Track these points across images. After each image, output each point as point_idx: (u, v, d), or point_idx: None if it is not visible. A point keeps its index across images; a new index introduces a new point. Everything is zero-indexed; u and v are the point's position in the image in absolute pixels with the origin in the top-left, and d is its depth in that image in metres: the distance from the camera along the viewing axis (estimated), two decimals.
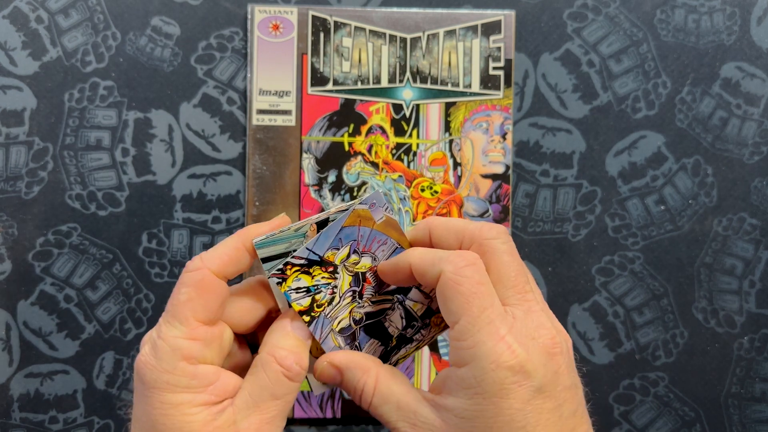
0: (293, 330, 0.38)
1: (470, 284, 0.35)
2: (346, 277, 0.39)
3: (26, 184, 0.56)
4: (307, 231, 0.38)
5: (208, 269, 0.36)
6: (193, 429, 0.35)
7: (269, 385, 0.36)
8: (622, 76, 0.58)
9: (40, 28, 0.56)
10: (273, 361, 0.36)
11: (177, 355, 0.35)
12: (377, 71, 0.57)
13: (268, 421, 0.36)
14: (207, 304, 0.36)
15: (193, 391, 0.35)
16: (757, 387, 0.58)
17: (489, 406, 0.33)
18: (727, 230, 0.58)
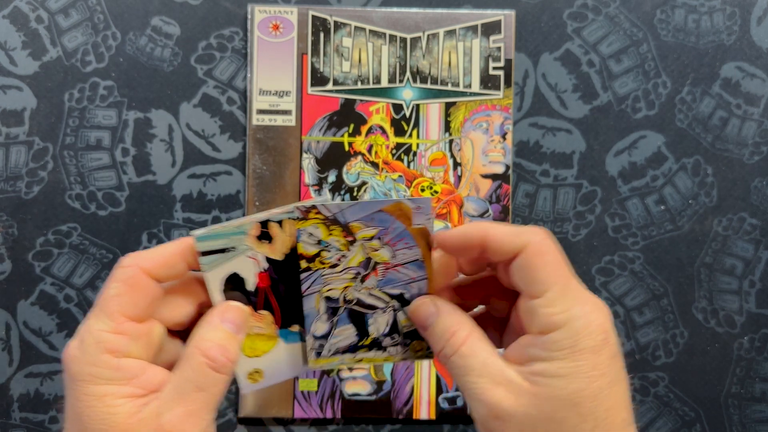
0: (221, 323, 0.38)
1: (556, 254, 0.37)
2: (358, 256, 0.40)
3: (26, 183, 0.56)
4: (248, 229, 0.39)
5: (139, 267, 0.37)
6: (116, 421, 0.35)
7: (193, 377, 0.36)
8: (622, 76, 0.58)
9: (40, 28, 0.56)
10: (197, 352, 0.37)
11: (101, 347, 0.36)
12: (377, 71, 0.57)
13: (192, 413, 0.36)
14: (135, 301, 0.37)
15: (117, 383, 0.36)
16: (757, 387, 0.58)
17: (585, 362, 0.35)
18: (727, 230, 0.58)
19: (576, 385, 0.35)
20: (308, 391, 0.56)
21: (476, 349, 0.38)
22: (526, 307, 0.37)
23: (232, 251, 0.39)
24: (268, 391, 0.56)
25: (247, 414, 0.56)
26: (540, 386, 0.36)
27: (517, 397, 0.36)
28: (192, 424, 0.36)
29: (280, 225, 0.39)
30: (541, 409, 0.35)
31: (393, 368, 0.56)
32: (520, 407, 0.36)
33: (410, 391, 0.56)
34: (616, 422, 0.36)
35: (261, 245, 0.39)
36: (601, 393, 0.36)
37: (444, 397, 0.57)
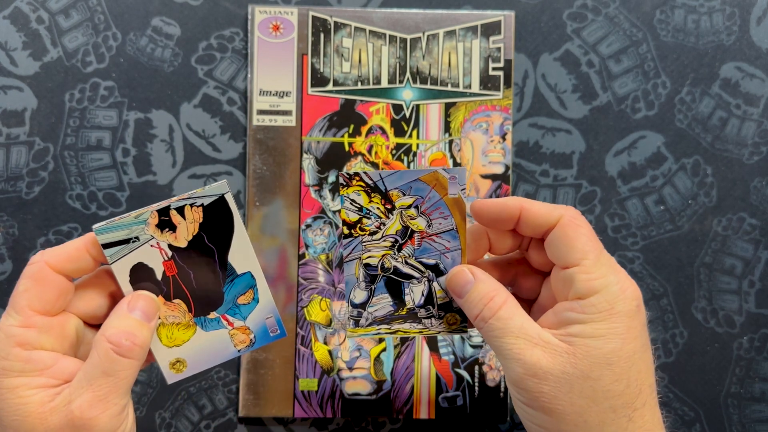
0: (129, 312, 0.39)
1: (590, 228, 0.40)
2: (396, 224, 0.41)
3: (27, 184, 0.56)
4: (147, 218, 0.39)
5: (45, 263, 0.38)
6: (29, 410, 0.37)
7: (99, 363, 0.37)
8: (621, 76, 0.58)
9: (40, 29, 0.57)
10: (103, 339, 0.38)
11: (11, 341, 0.37)
12: (377, 72, 0.57)
13: (101, 398, 0.37)
14: (42, 295, 0.38)
15: (28, 375, 0.37)
16: (756, 387, 0.58)
17: (621, 324, 0.38)
18: (727, 230, 0.58)
19: (612, 346, 0.37)
20: (308, 390, 0.56)
21: (514, 312, 0.39)
22: (561, 277, 0.40)
23: (136, 241, 0.39)
24: (268, 390, 0.56)
25: (247, 414, 0.56)
26: (577, 346, 0.38)
27: (553, 356, 0.38)
28: (101, 409, 0.37)
29: (182, 212, 0.40)
30: (577, 367, 0.37)
31: (393, 368, 0.56)
32: (557, 365, 0.37)
33: (410, 390, 0.56)
34: (645, 386, 0.39)
35: (163, 234, 0.40)
36: (635, 355, 0.38)
37: (444, 396, 0.57)
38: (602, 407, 0.37)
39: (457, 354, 0.57)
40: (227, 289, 0.42)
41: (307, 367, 0.56)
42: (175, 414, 0.57)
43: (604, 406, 0.37)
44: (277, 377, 0.56)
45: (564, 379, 0.37)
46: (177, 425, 0.57)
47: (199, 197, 0.39)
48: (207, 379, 0.57)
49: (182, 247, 0.40)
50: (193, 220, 0.40)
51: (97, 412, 0.37)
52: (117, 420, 0.38)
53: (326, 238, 0.56)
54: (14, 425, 0.37)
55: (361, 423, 0.57)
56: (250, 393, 0.56)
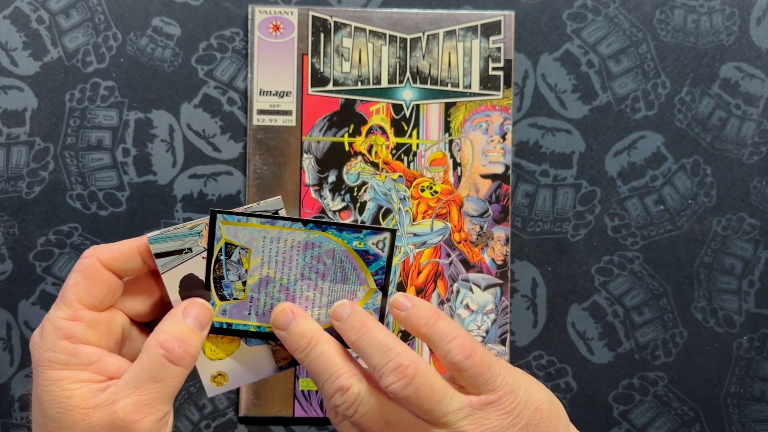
0: (183, 318, 0.39)
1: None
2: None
3: (27, 184, 0.56)
4: (201, 230, 0.39)
5: (96, 258, 0.38)
6: (72, 404, 0.36)
7: (149, 367, 0.37)
8: (621, 76, 0.58)
9: (41, 29, 0.57)
10: (155, 343, 0.38)
11: (59, 334, 0.37)
12: (377, 71, 0.57)
13: (146, 403, 0.37)
14: (92, 290, 0.38)
15: (73, 368, 0.37)
16: (756, 386, 0.58)
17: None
18: (727, 230, 0.58)
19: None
20: (309, 390, 0.56)
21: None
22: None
23: (188, 252, 0.39)
24: (268, 390, 0.56)
25: (247, 414, 0.56)
26: None
27: None
28: (145, 414, 0.37)
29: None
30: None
31: None
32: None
33: None
34: None
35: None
36: None
37: None
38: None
39: None
40: None
41: None
42: (176, 414, 0.57)
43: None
44: (277, 377, 0.56)
45: None
46: (177, 425, 0.57)
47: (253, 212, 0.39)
48: None
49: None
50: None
51: (141, 416, 0.37)
52: (158, 426, 0.38)
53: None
54: (56, 417, 0.36)
55: None
56: (250, 393, 0.56)
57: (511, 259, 0.57)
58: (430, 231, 0.57)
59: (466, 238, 0.57)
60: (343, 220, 0.56)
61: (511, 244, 0.57)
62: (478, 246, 0.57)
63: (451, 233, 0.57)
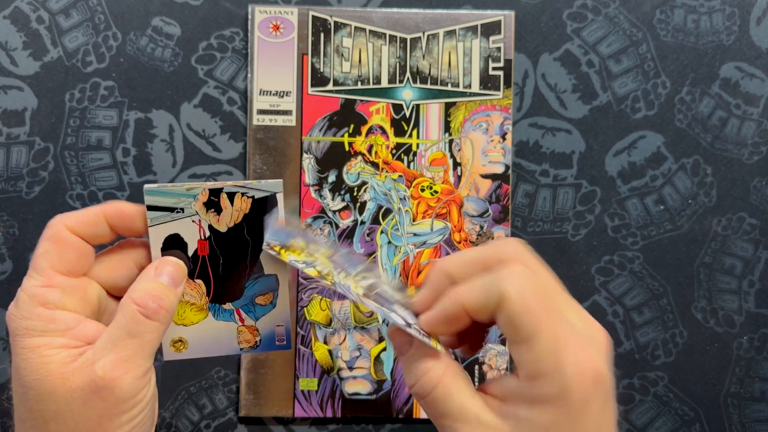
0: (157, 276, 0.39)
1: (536, 301, 0.34)
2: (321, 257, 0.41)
3: (27, 184, 0.56)
4: (198, 194, 0.40)
5: (63, 224, 0.38)
6: (50, 369, 0.36)
7: (125, 324, 0.37)
8: (621, 76, 0.58)
9: (40, 29, 0.57)
10: (129, 300, 0.38)
11: (34, 301, 0.37)
12: (377, 71, 0.57)
13: (125, 359, 0.37)
14: (63, 256, 0.38)
15: (51, 334, 0.37)
16: (756, 386, 0.58)
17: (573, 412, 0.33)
18: (727, 230, 0.58)
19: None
20: (308, 390, 0.56)
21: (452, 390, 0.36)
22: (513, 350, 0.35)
23: (180, 212, 0.40)
24: (268, 390, 0.56)
25: (247, 413, 0.56)
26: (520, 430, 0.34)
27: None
28: (125, 370, 0.37)
29: (231, 198, 0.40)
30: None
31: (393, 368, 0.56)
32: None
33: None
34: None
35: (207, 214, 0.40)
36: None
37: None
38: None
39: (457, 354, 0.57)
40: (249, 285, 0.42)
41: (307, 366, 0.56)
42: (175, 414, 0.57)
43: None
44: (277, 377, 0.56)
45: None
46: (177, 425, 0.57)
47: (252, 188, 0.40)
48: (207, 379, 0.57)
49: (221, 231, 0.40)
50: (240, 209, 0.40)
51: (120, 372, 0.36)
52: (140, 382, 0.37)
53: (326, 238, 0.56)
54: (35, 385, 0.36)
55: (361, 423, 0.57)
56: (250, 393, 0.56)
57: None
58: (430, 231, 0.57)
59: (466, 238, 0.57)
60: (343, 220, 0.56)
61: None
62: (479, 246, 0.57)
63: (451, 233, 0.57)
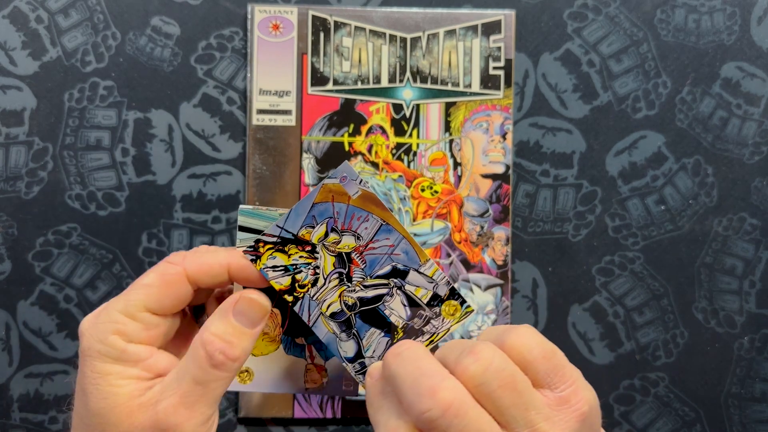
0: (233, 316, 0.36)
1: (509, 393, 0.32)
2: (328, 258, 0.37)
3: (26, 184, 0.56)
4: None
5: (184, 269, 0.36)
6: (117, 401, 0.35)
7: (192, 370, 0.35)
8: (622, 76, 0.58)
9: (39, 28, 0.56)
10: (200, 344, 0.35)
11: (111, 327, 0.35)
12: (377, 71, 0.57)
13: (188, 405, 0.35)
14: (163, 299, 0.36)
15: (123, 363, 0.35)
16: (757, 387, 0.58)
17: None
18: (728, 230, 0.58)
19: None
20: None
21: None
22: None
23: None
24: None
25: (247, 414, 0.56)
26: None
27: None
28: (186, 417, 0.35)
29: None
30: None
31: None
32: None
33: None
34: None
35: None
36: None
37: None
38: None
39: None
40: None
41: None
42: None
43: None
44: None
45: None
46: None
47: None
48: None
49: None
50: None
51: (182, 419, 0.35)
52: (201, 429, 0.36)
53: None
54: (101, 413, 0.35)
55: (360, 423, 0.57)
56: (250, 393, 0.56)
57: (512, 259, 0.57)
58: (431, 231, 0.57)
59: (467, 238, 0.57)
60: None
61: (511, 244, 0.57)
62: (479, 246, 0.57)
63: (452, 233, 0.57)
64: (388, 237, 0.37)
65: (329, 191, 0.36)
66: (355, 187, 0.37)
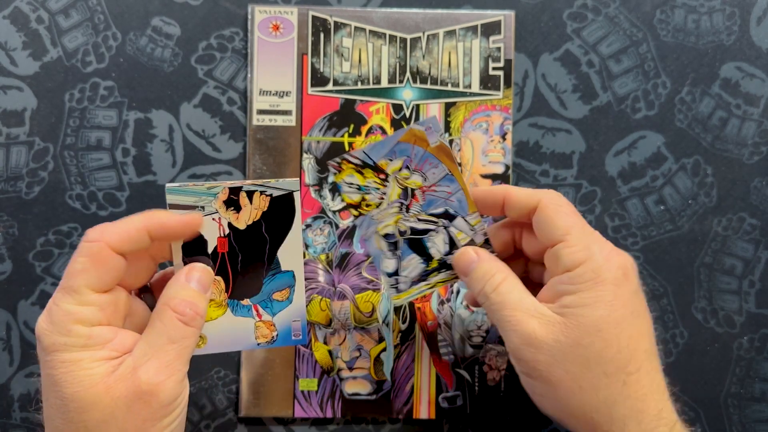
0: (188, 282, 0.41)
1: (570, 206, 0.43)
2: (395, 188, 0.45)
3: (27, 184, 0.56)
4: (218, 192, 0.41)
5: (105, 243, 0.38)
6: (93, 381, 0.37)
7: (165, 331, 0.39)
8: (621, 76, 0.58)
9: (40, 29, 0.57)
10: (167, 308, 0.39)
11: (70, 318, 0.37)
12: (377, 71, 0.57)
13: (167, 364, 0.38)
14: (101, 276, 0.38)
15: (91, 349, 0.38)
16: (756, 387, 0.58)
17: (607, 292, 0.39)
18: (727, 230, 0.58)
19: (599, 313, 0.39)
20: (308, 390, 0.56)
21: (513, 288, 0.42)
22: (551, 255, 0.42)
23: (200, 210, 0.41)
24: (268, 390, 0.56)
25: (247, 414, 0.56)
26: (567, 316, 0.39)
27: (548, 326, 0.39)
28: (167, 375, 0.38)
29: (250, 197, 0.41)
30: (569, 335, 0.39)
31: (393, 368, 0.56)
32: (550, 335, 0.39)
33: (410, 390, 0.56)
34: (639, 351, 0.40)
35: (227, 212, 0.41)
36: (624, 321, 0.39)
37: (444, 396, 0.57)
38: (595, 373, 0.39)
39: (457, 354, 0.57)
40: (267, 281, 0.43)
41: (307, 367, 0.56)
42: None
43: (596, 372, 0.39)
44: (277, 377, 0.56)
45: (557, 348, 0.39)
46: None
47: (270, 187, 0.41)
48: (207, 379, 0.57)
49: (240, 229, 0.41)
50: (258, 207, 0.41)
51: (163, 377, 0.37)
52: (180, 386, 0.39)
53: (326, 238, 0.56)
54: (78, 396, 0.37)
55: (361, 423, 0.57)
56: (250, 393, 0.56)
57: None
58: None
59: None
60: (343, 220, 0.56)
61: None
62: None
63: None
64: (449, 185, 0.45)
65: (413, 135, 0.44)
66: (435, 138, 0.44)
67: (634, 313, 0.40)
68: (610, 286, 0.40)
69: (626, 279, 0.41)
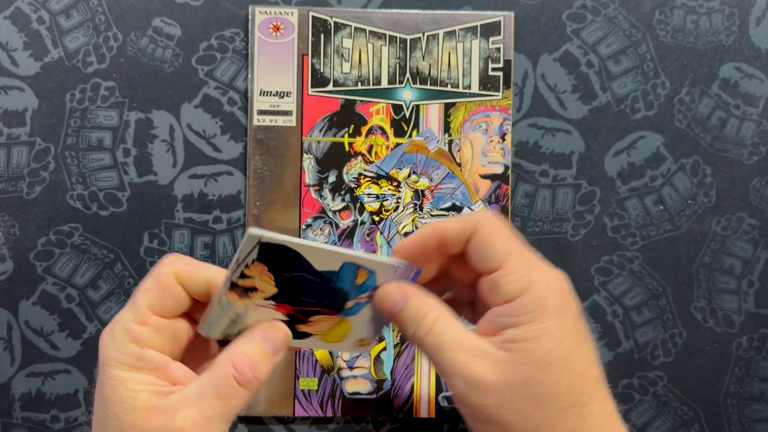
0: (261, 340, 0.39)
1: (507, 228, 0.40)
2: (408, 192, 0.53)
3: (28, 184, 0.57)
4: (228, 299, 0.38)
5: (172, 270, 0.38)
6: (135, 405, 0.36)
7: (216, 383, 0.37)
8: (621, 76, 0.58)
9: (41, 29, 0.57)
10: (227, 361, 0.38)
11: (127, 336, 0.37)
12: (377, 72, 0.57)
13: (206, 418, 0.37)
14: (161, 300, 0.38)
15: (139, 371, 0.37)
16: (755, 386, 0.58)
17: (552, 323, 0.37)
18: (726, 230, 0.58)
19: (548, 346, 0.36)
20: (309, 390, 0.56)
21: (449, 326, 0.38)
22: (488, 283, 0.38)
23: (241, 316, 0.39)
24: (268, 390, 0.56)
25: (247, 413, 0.56)
26: (514, 352, 0.36)
27: (493, 366, 0.36)
28: (202, 429, 0.36)
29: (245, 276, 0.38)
30: (518, 373, 0.36)
31: (393, 367, 0.57)
32: (499, 375, 0.36)
33: (410, 389, 0.57)
34: (588, 380, 0.37)
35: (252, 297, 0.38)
36: (572, 351, 0.37)
37: (444, 395, 0.57)
38: (549, 410, 0.36)
39: None
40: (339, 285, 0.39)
41: (308, 366, 0.56)
42: None
43: (551, 409, 0.36)
44: (277, 377, 0.56)
45: (507, 388, 0.36)
46: None
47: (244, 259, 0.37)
48: None
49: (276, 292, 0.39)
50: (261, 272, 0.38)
51: (199, 430, 0.36)
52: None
53: (326, 238, 0.56)
54: (119, 416, 0.36)
55: (361, 422, 0.57)
56: None
57: None
58: None
59: None
60: (343, 220, 0.57)
61: None
62: None
63: None
64: (452, 182, 0.54)
65: (415, 145, 0.54)
66: (434, 145, 0.53)
67: (580, 340, 0.38)
68: (554, 315, 0.37)
69: (568, 305, 0.38)
